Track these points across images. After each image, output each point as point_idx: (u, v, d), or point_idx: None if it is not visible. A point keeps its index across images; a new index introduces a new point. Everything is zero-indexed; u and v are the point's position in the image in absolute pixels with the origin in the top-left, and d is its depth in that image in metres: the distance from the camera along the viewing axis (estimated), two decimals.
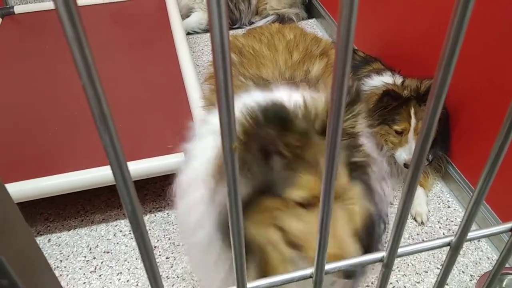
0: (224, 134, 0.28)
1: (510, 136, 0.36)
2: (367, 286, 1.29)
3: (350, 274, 0.73)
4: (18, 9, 2.34)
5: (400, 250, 0.42)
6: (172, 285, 1.46)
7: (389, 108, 1.58)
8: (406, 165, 1.60)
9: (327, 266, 0.41)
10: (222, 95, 0.27)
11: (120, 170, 0.25)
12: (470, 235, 0.44)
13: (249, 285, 0.39)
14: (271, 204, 0.79)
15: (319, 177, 0.77)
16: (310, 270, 0.41)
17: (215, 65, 0.25)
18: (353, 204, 0.83)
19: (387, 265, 0.43)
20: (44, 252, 1.53)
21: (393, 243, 0.41)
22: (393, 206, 1.56)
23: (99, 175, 1.46)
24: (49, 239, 1.59)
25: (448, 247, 0.44)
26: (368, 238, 0.88)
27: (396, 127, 1.61)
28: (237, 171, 0.30)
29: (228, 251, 0.85)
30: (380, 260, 0.43)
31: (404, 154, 1.61)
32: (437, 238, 0.44)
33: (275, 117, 0.74)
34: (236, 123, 0.75)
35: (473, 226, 0.43)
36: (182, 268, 1.51)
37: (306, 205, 0.78)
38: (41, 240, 1.59)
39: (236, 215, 0.33)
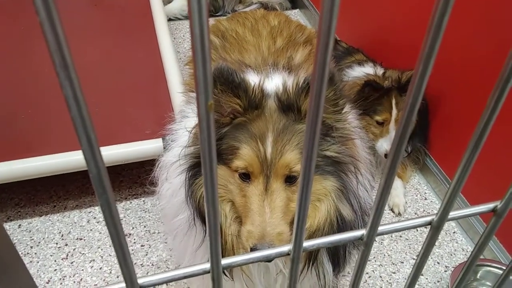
0: (200, 91, 0.26)
1: (492, 117, 0.35)
2: (343, 275, 1.29)
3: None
4: None
5: (380, 228, 0.41)
6: (147, 273, 1.43)
7: (370, 98, 1.57)
8: (386, 156, 1.60)
9: (305, 243, 0.39)
10: (198, 48, 0.24)
11: (81, 118, 0.23)
12: (452, 214, 0.43)
13: (223, 261, 0.37)
14: (223, 173, 0.79)
15: (258, 151, 0.76)
16: (288, 247, 0.39)
17: (190, 10, 0.22)
18: (318, 198, 0.81)
19: (367, 244, 0.42)
20: (14, 238, 1.49)
21: (374, 221, 0.40)
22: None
23: (74, 159, 1.42)
24: (20, 225, 1.54)
25: (430, 226, 0.43)
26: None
27: (378, 118, 1.61)
28: (213, 132, 0.28)
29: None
30: (360, 238, 0.41)
31: (385, 144, 1.61)
32: (419, 217, 0.43)
33: (220, 75, 0.74)
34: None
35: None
36: (157, 256, 1.48)
37: (247, 178, 0.78)
38: (11, 226, 1.53)
39: (211, 183, 0.31)
